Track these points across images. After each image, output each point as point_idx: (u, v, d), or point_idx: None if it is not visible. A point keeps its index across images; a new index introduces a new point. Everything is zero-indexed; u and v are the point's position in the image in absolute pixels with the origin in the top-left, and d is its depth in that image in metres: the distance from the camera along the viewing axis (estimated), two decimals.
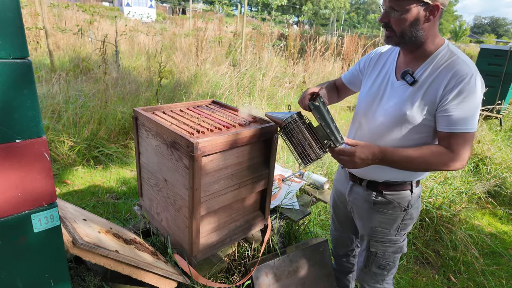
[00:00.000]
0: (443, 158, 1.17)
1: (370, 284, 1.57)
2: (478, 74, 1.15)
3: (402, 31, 1.17)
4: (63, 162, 3.23)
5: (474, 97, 1.14)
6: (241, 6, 13.56)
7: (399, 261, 1.54)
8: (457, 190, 2.92)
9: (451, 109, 1.15)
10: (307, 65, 7.86)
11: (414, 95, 1.22)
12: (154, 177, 1.54)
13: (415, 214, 1.41)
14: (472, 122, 1.15)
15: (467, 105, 1.14)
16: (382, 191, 1.37)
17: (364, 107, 1.39)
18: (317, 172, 3.18)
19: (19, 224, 0.81)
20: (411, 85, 1.22)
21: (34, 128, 0.78)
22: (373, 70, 1.42)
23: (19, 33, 0.71)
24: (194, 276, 1.37)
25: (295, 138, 1.22)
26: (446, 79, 1.15)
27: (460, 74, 1.14)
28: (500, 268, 2.46)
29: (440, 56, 1.20)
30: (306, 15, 32.25)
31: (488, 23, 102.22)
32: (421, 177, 1.36)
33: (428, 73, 1.20)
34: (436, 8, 1.12)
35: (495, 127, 5.34)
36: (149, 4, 30.97)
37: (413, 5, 1.11)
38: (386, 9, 1.17)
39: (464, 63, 1.15)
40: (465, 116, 1.14)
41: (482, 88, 1.17)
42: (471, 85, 1.13)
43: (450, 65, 1.16)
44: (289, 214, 1.90)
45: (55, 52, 6.52)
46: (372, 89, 1.37)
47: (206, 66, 5.92)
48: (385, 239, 1.43)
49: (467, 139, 1.16)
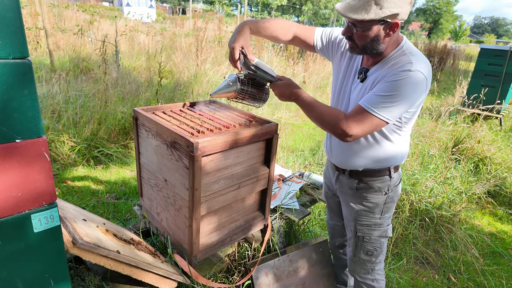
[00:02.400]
0: (334, 119, 1.27)
1: (361, 275, 1.61)
2: (418, 73, 1.17)
3: (363, 45, 1.24)
4: (63, 162, 3.23)
5: (396, 86, 1.17)
6: (241, 6, 13.56)
7: (386, 247, 1.59)
8: (457, 190, 2.92)
9: (373, 89, 1.24)
10: (307, 65, 7.87)
11: (364, 91, 1.31)
12: (154, 177, 1.54)
13: (396, 198, 1.51)
14: (376, 105, 1.19)
15: (382, 88, 1.20)
16: (363, 178, 1.46)
17: (335, 100, 1.49)
18: (317, 172, 3.18)
19: (19, 224, 0.81)
20: (361, 82, 1.34)
21: (34, 128, 0.78)
22: (343, 58, 1.46)
23: (19, 33, 0.71)
24: (194, 276, 1.37)
25: (248, 94, 1.43)
26: (386, 71, 1.23)
27: (396, 66, 1.21)
28: (500, 268, 2.46)
29: (392, 56, 1.27)
30: (306, 15, 32.23)
31: (488, 23, 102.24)
32: (397, 163, 1.44)
33: (376, 70, 1.29)
34: (395, 25, 1.18)
35: (495, 127, 5.34)
36: (149, 4, 30.98)
37: (374, 25, 1.18)
38: (349, 24, 1.23)
39: (408, 60, 1.20)
40: (373, 96, 1.21)
41: (416, 88, 1.18)
42: (400, 75, 1.17)
43: (394, 61, 1.24)
44: (289, 214, 1.90)
45: (55, 52, 6.52)
46: (341, 84, 1.45)
47: (206, 66, 5.93)
48: (370, 222, 1.51)
49: (364, 118, 1.22)
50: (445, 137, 3.96)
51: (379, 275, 1.62)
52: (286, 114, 5.26)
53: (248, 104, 1.51)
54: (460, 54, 16.18)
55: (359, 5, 1.14)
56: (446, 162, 3.29)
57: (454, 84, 8.00)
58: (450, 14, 52.59)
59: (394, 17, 1.15)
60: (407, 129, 1.37)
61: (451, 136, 3.99)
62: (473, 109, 4.48)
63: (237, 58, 1.36)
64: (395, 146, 1.38)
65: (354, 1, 1.16)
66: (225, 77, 1.46)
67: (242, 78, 1.42)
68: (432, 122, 4.64)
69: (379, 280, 1.62)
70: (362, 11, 1.14)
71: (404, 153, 1.44)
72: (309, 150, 4.17)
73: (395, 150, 1.39)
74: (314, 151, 4.13)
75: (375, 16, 1.13)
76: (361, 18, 1.14)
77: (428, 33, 53.55)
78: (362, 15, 1.14)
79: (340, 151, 1.47)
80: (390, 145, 1.37)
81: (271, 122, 1.49)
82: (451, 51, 14.00)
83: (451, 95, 7.20)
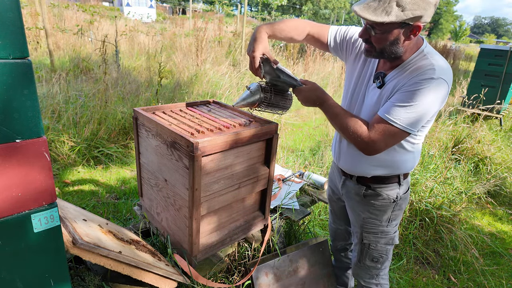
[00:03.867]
0: (358, 128, 1.20)
1: (366, 279, 1.59)
2: (441, 80, 1.11)
3: (382, 48, 1.16)
4: (63, 162, 3.23)
5: (418, 96, 1.10)
6: (241, 6, 13.56)
7: (392, 255, 1.57)
8: (457, 190, 2.92)
9: (392, 98, 1.17)
10: (307, 65, 7.87)
11: (382, 97, 1.24)
12: (154, 177, 1.54)
13: (404, 205, 1.45)
14: (399, 117, 1.12)
15: (404, 97, 1.12)
16: (371, 185, 1.40)
17: (347, 104, 1.43)
18: (317, 172, 3.18)
19: (19, 224, 0.81)
20: (379, 88, 1.26)
21: (34, 128, 0.78)
22: (358, 59, 1.39)
23: (19, 33, 0.71)
24: (194, 276, 1.37)
25: (272, 103, 1.40)
26: (406, 78, 1.16)
27: (418, 72, 1.13)
28: (500, 268, 2.46)
29: (412, 61, 1.19)
30: (306, 15, 32.24)
31: (488, 23, 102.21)
32: (408, 171, 1.38)
33: (395, 76, 1.22)
34: (417, 28, 1.10)
35: (495, 127, 5.34)
36: (149, 4, 30.96)
37: (394, 28, 1.10)
38: (367, 26, 1.15)
39: (430, 66, 1.13)
40: (395, 107, 1.13)
41: (439, 96, 1.12)
42: (422, 84, 1.10)
43: (416, 67, 1.16)
44: (289, 214, 1.90)
45: (55, 52, 6.52)
46: (354, 86, 1.39)
47: (206, 66, 5.93)
48: (377, 230, 1.46)
49: (386, 130, 1.15)
50: (445, 137, 3.96)
51: (383, 280, 1.59)
52: (286, 114, 5.26)
53: (271, 112, 1.45)
54: (460, 54, 16.19)
55: (379, 6, 1.05)
56: (446, 162, 3.29)
57: (454, 84, 8.00)
58: (450, 14, 52.58)
59: (417, 19, 1.06)
60: (421, 136, 1.31)
61: (451, 136, 3.99)
62: (473, 109, 4.48)
63: (257, 66, 1.30)
64: (408, 154, 1.33)
65: (373, 2, 1.07)
66: (247, 86, 1.42)
67: (264, 86, 1.38)
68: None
69: (383, 284, 1.59)
70: (382, 12, 1.05)
71: (416, 161, 1.39)
72: (309, 150, 4.17)
73: (407, 158, 1.34)
74: (314, 151, 4.14)
75: (397, 19, 1.05)
76: (381, 20, 1.06)
77: (428, 33, 53.55)
78: (382, 17, 1.05)
79: (349, 157, 1.42)
80: (403, 152, 1.32)
81: (271, 122, 1.49)
82: (451, 51, 14.01)
83: (451, 95, 7.20)
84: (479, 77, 5.88)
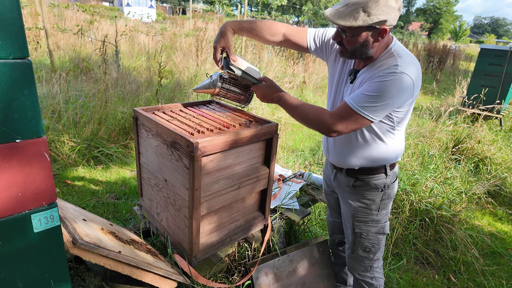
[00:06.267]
0: (319, 115, 1.30)
1: (360, 272, 1.63)
2: (404, 75, 1.18)
3: (353, 49, 1.26)
4: (63, 162, 3.23)
5: (380, 87, 1.19)
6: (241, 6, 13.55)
7: (384, 245, 1.62)
8: (457, 190, 2.92)
9: (360, 88, 1.26)
10: (307, 65, 7.87)
11: (353, 91, 1.33)
12: (154, 177, 1.54)
13: (392, 194, 1.53)
14: (361, 104, 1.20)
15: (368, 88, 1.21)
16: (359, 176, 1.49)
17: (331, 103, 1.51)
18: (317, 172, 3.18)
19: (19, 224, 0.81)
20: (351, 83, 1.37)
21: (34, 128, 0.78)
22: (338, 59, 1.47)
23: (19, 33, 0.71)
24: (194, 276, 1.37)
25: (230, 92, 1.50)
26: (373, 72, 1.25)
27: (383, 68, 1.23)
28: (500, 268, 2.46)
29: (380, 58, 1.29)
30: (306, 15, 32.23)
31: (488, 23, 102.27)
32: (392, 161, 1.46)
33: (365, 71, 1.31)
34: (384, 31, 1.19)
35: (495, 127, 5.34)
36: (149, 4, 30.99)
37: (362, 31, 1.20)
38: (338, 29, 1.25)
39: (394, 62, 1.21)
40: (360, 94, 1.22)
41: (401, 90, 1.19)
42: (385, 77, 1.19)
43: (382, 63, 1.26)
44: (289, 214, 1.90)
45: (55, 52, 6.52)
46: (336, 85, 1.47)
47: (206, 66, 5.93)
48: (367, 219, 1.53)
49: (348, 115, 1.24)
50: (445, 137, 3.96)
51: (377, 273, 1.63)
52: (286, 114, 5.26)
53: (232, 103, 1.57)
54: (460, 54, 16.17)
55: (347, 12, 1.16)
56: (446, 162, 3.29)
57: (454, 84, 8.00)
58: (450, 14, 52.58)
59: (382, 23, 1.17)
60: (400, 128, 1.39)
61: (451, 136, 3.99)
62: (473, 109, 4.48)
63: (219, 59, 1.41)
64: (389, 145, 1.41)
65: (343, 8, 1.18)
66: (210, 74, 1.52)
67: (225, 77, 1.48)
68: (432, 122, 4.64)
69: (378, 278, 1.64)
70: (351, 18, 1.16)
71: (399, 152, 1.47)
72: (309, 150, 4.17)
73: (389, 149, 1.42)
74: (314, 151, 4.14)
75: (363, 23, 1.16)
76: (349, 24, 1.17)
77: (428, 33, 53.54)
78: (351, 21, 1.16)
79: (336, 151, 1.50)
80: (384, 144, 1.40)
81: (271, 122, 1.49)
82: (451, 51, 14.00)
83: (451, 95, 7.20)
84: (479, 77, 5.88)
